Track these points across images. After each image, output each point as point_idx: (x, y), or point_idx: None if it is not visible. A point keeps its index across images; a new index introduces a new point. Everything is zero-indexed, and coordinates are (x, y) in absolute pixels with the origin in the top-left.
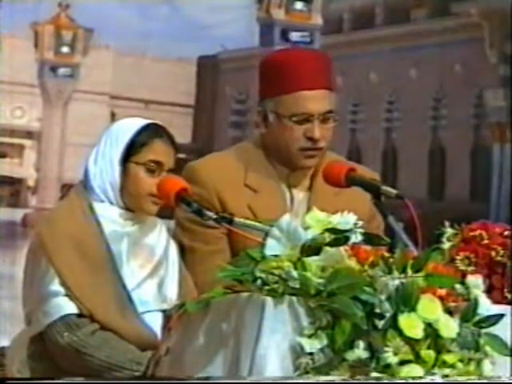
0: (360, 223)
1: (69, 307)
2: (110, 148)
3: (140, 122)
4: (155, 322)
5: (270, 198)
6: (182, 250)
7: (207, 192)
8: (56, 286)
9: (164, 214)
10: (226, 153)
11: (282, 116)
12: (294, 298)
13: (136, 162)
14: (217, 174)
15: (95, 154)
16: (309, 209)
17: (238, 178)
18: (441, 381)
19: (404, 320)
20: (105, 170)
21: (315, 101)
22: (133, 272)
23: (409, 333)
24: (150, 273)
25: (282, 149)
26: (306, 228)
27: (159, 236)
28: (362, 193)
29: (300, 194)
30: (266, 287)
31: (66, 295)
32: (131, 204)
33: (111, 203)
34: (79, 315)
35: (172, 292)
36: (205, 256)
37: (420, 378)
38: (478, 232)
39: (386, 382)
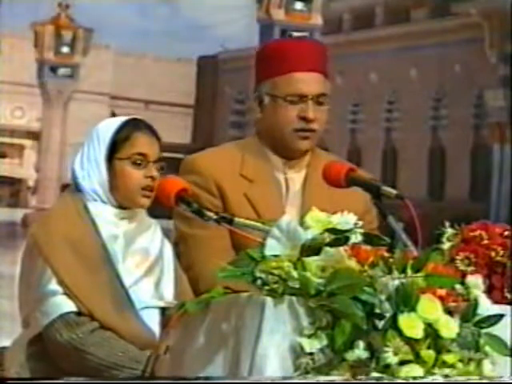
0: (360, 223)
1: (67, 305)
2: (93, 150)
3: (119, 120)
4: (153, 319)
5: (266, 188)
6: (182, 238)
7: (205, 180)
8: (54, 286)
9: (164, 214)
10: (223, 146)
11: (276, 97)
12: (294, 298)
13: (120, 157)
14: (213, 164)
15: (80, 158)
16: (303, 199)
17: (233, 168)
18: (441, 381)
19: (404, 320)
20: (92, 171)
21: (309, 82)
22: (129, 271)
23: (409, 333)
24: (146, 272)
25: (276, 131)
26: (306, 228)
27: (153, 236)
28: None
29: (296, 184)
30: (266, 287)
31: (65, 294)
32: (122, 200)
33: (104, 202)
34: (78, 313)
35: (168, 291)
36: (205, 241)
37: (420, 378)
38: (477, 232)
39: (385, 382)
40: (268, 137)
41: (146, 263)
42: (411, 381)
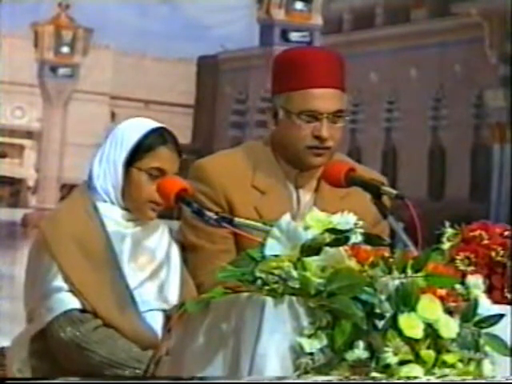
0: (360, 223)
1: (72, 302)
2: (114, 151)
3: (146, 126)
4: (156, 321)
5: (277, 200)
6: (189, 248)
7: (215, 192)
8: (59, 282)
9: (164, 214)
10: (235, 151)
11: (290, 112)
12: (294, 298)
13: (139, 167)
14: (225, 174)
15: (100, 155)
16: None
17: (245, 179)
18: (437, 381)
19: (404, 320)
20: (108, 172)
21: (324, 99)
22: (134, 272)
23: (409, 333)
24: (150, 275)
25: (289, 146)
26: (306, 228)
27: (161, 238)
28: (368, 197)
29: (307, 196)
30: (266, 287)
31: (70, 291)
32: (131, 207)
33: (113, 203)
34: (82, 311)
35: (173, 295)
36: (212, 255)
37: (420, 378)
38: (477, 232)
39: (384, 381)
40: (282, 150)
41: (151, 266)
42: (410, 381)
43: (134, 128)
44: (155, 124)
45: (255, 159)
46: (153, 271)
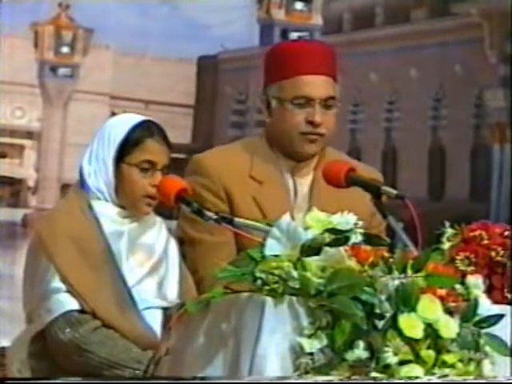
0: (360, 223)
1: (71, 303)
2: (102, 148)
3: (131, 121)
4: (155, 319)
5: (275, 190)
6: (188, 242)
7: (213, 183)
8: (57, 283)
9: (163, 214)
10: (232, 145)
11: (283, 100)
12: (294, 298)
13: (128, 162)
14: (222, 166)
15: (89, 154)
16: (311, 203)
17: (243, 170)
18: (438, 381)
19: (404, 320)
20: (98, 170)
21: (316, 85)
22: (132, 269)
23: (409, 333)
24: (149, 271)
25: (283, 134)
26: (306, 228)
27: (158, 234)
28: None
29: (304, 187)
30: (266, 287)
31: (68, 291)
32: (126, 203)
33: (107, 201)
34: (81, 311)
35: (172, 291)
36: (212, 248)
37: (419, 378)
38: (477, 232)
39: (385, 382)
40: (277, 140)
41: (149, 262)
42: (410, 381)
43: (120, 124)
44: (141, 118)
45: (252, 152)
46: (152, 267)
